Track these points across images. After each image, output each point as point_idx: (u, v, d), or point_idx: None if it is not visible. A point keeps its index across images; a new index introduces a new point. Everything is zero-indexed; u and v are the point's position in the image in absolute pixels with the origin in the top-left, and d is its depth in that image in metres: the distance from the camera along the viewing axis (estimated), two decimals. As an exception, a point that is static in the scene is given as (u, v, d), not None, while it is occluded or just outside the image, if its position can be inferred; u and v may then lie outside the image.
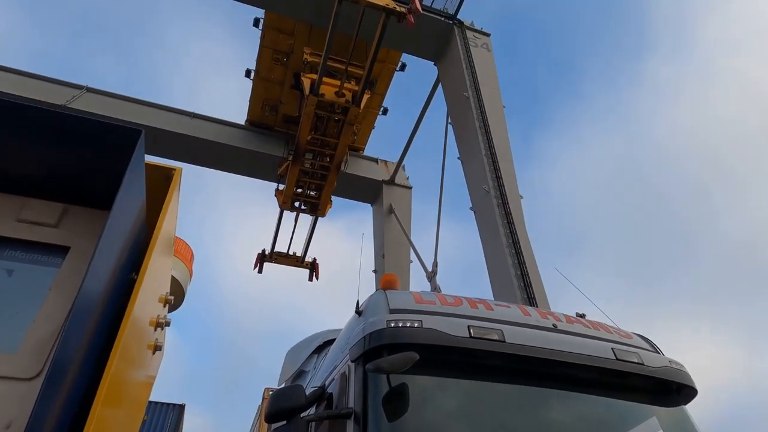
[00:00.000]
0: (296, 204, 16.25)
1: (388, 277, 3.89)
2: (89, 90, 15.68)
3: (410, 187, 18.39)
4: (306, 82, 13.13)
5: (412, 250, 15.45)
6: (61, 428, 1.16)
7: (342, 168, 15.06)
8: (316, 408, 3.35)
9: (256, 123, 17.06)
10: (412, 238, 15.91)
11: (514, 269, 9.02)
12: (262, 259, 18.61)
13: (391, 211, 17.07)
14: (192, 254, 24.86)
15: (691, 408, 3.35)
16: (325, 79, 12.53)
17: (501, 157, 10.75)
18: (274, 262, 18.76)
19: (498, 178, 10.39)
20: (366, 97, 13.11)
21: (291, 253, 18.69)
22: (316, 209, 16.19)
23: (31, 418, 0.99)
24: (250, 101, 16.64)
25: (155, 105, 16.29)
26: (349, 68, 12.64)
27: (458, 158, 12.35)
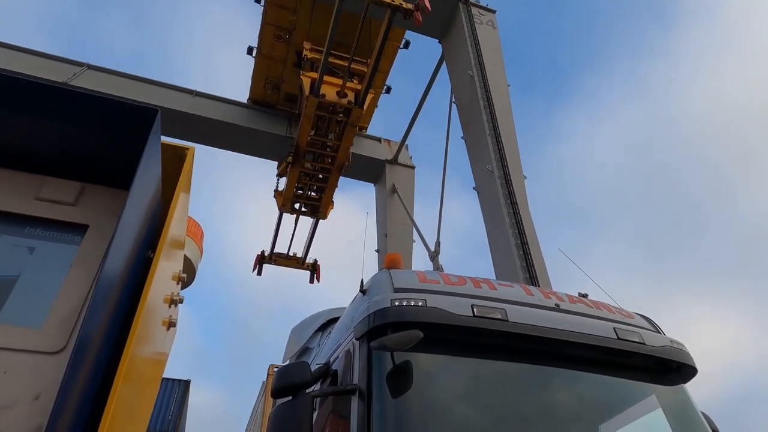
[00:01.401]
0: (296, 206, 15.73)
1: (392, 257, 3.91)
2: (90, 67, 15.53)
3: (413, 167, 18.31)
4: (306, 82, 12.38)
5: (414, 230, 15.48)
6: (86, 401, 1.21)
7: (344, 170, 14.42)
8: (321, 384, 3.42)
9: (258, 101, 16.90)
10: (415, 218, 15.94)
11: (516, 249, 9.04)
12: (261, 260, 18.10)
13: (394, 190, 17.03)
14: (202, 233, 25.00)
15: (691, 386, 3.41)
16: (326, 78, 11.88)
17: (505, 137, 10.67)
18: (274, 264, 18.28)
19: (502, 158, 10.33)
20: (370, 96, 12.44)
21: (291, 254, 18.24)
22: (317, 211, 15.73)
23: (61, 390, 1.03)
24: (252, 79, 16.48)
25: (157, 83, 16.16)
26: (351, 65, 12.00)
27: (462, 138, 12.27)
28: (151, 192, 1.58)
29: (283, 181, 15.37)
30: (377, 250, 16.98)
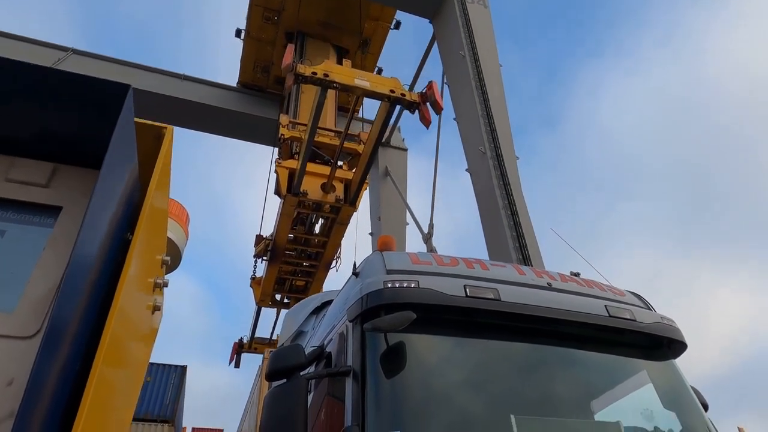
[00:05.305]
0: (278, 297, 13.57)
1: (384, 239, 3.90)
2: (75, 52, 15.29)
3: (406, 149, 18.25)
4: (282, 174, 9.78)
5: (408, 213, 15.47)
6: (64, 385, 1.18)
7: (334, 266, 12.14)
8: (316, 367, 3.42)
9: (248, 85, 16.72)
10: (408, 200, 15.91)
11: (509, 230, 9.07)
12: (239, 349, 16.37)
13: (386, 173, 16.99)
14: (187, 216, 24.71)
15: (681, 361, 3.44)
16: (309, 168, 9.43)
17: (497, 118, 10.60)
18: (254, 352, 16.43)
19: (494, 139, 10.29)
20: (364, 189, 10.18)
21: (275, 337, 15.88)
22: None
23: (32, 374, 1.01)
24: (241, 62, 16.28)
25: (144, 67, 15.92)
26: (345, 144, 9.74)
27: (454, 119, 12.20)
28: (126, 172, 1.54)
29: (261, 262, 12.94)
30: (371, 233, 16.97)
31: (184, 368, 17.97)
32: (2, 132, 1.57)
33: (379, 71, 16.48)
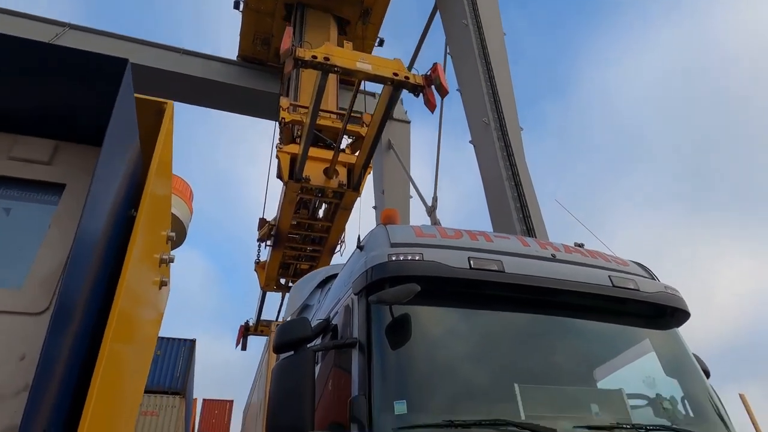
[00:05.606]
0: (282, 281, 13.62)
1: (388, 212, 3.90)
2: (72, 27, 15.06)
3: (408, 122, 18.06)
4: (284, 160, 9.61)
5: (411, 186, 15.41)
6: (75, 360, 1.20)
7: (338, 250, 12.07)
8: (322, 339, 3.46)
9: (248, 58, 16.46)
10: (412, 173, 15.84)
11: (513, 202, 9.03)
12: (245, 332, 16.37)
13: (389, 146, 16.86)
14: (191, 192, 24.76)
15: (684, 330, 3.47)
16: (311, 152, 9.22)
17: (501, 88, 10.45)
18: (260, 335, 16.47)
19: (498, 110, 10.15)
20: (368, 173, 9.97)
21: (281, 320, 16.03)
22: None
23: (44, 349, 1.02)
24: (240, 35, 15.99)
25: (143, 41, 15.69)
26: (347, 126, 9.48)
27: (457, 90, 12.02)
28: (128, 148, 1.53)
29: (265, 248, 13.10)
30: (374, 207, 16.95)
31: (193, 342, 18.21)
32: (2, 109, 1.55)
33: (381, 42, 16.21)
